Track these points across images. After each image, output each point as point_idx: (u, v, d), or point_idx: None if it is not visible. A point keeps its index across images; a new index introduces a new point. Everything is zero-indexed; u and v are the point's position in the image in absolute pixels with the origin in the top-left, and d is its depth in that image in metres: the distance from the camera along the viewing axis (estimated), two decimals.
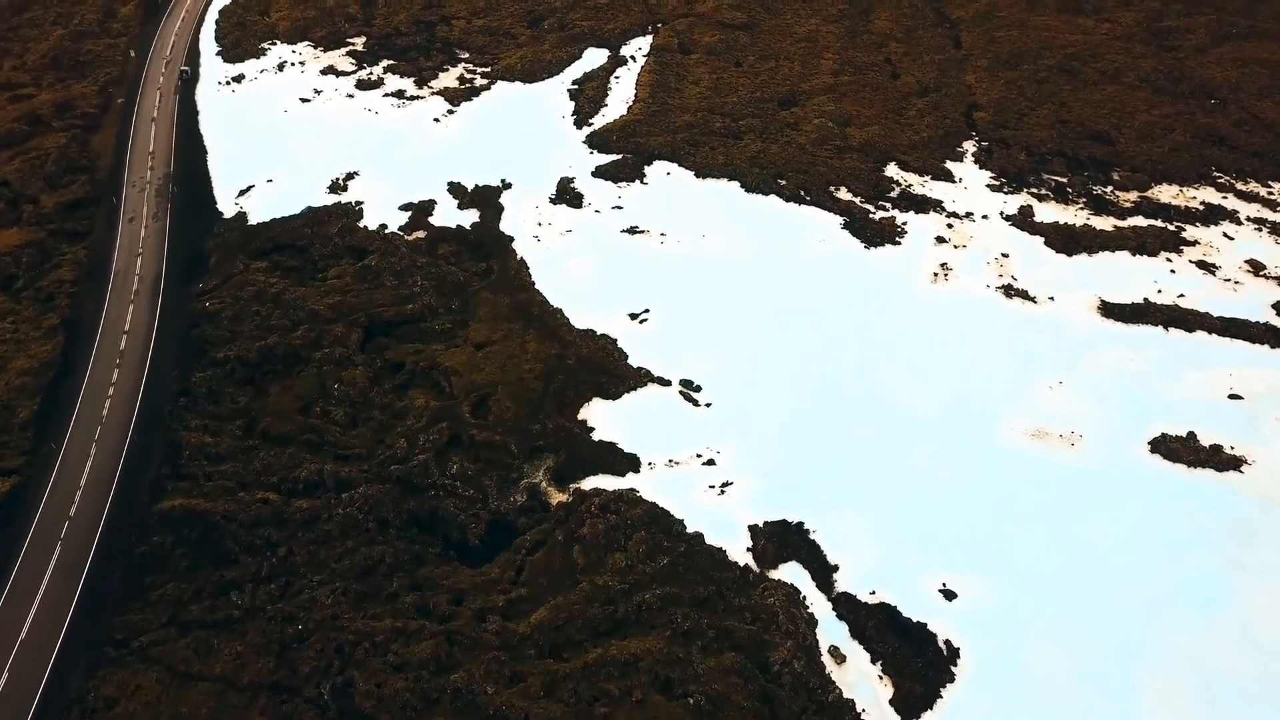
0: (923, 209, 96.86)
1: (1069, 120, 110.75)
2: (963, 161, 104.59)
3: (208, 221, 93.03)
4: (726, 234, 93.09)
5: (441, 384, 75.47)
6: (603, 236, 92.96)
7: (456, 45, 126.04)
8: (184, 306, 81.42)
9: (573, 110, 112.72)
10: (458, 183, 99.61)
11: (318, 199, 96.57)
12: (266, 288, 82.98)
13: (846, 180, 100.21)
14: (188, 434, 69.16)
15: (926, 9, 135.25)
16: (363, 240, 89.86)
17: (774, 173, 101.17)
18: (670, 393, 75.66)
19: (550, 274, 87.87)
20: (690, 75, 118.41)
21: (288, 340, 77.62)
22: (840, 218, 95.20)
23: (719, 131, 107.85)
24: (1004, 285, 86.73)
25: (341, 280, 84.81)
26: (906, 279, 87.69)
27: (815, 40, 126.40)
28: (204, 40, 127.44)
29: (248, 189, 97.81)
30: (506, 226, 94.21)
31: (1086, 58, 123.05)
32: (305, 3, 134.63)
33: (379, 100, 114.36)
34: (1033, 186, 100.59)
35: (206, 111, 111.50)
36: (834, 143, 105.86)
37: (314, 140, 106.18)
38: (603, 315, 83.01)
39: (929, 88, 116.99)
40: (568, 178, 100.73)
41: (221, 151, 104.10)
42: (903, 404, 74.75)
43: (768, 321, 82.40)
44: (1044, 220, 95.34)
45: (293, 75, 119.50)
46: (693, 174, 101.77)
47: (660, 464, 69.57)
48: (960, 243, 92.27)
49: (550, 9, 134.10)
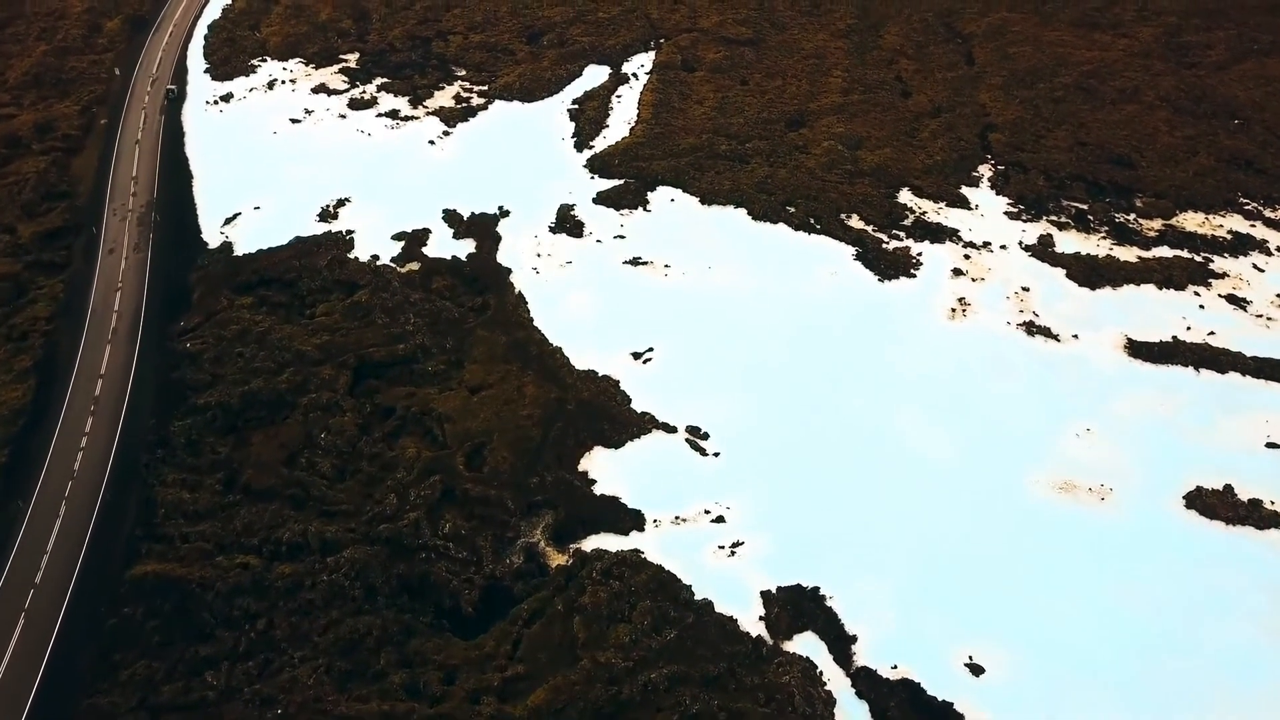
0: (938, 238, 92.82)
1: (1088, 142, 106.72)
2: (979, 187, 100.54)
3: (191, 252, 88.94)
4: (733, 265, 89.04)
5: (434, 431, 71.43)
6: (604, 268, 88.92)
7: (453, 62, 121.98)
8: (164, 347, 77.33)
9: (573, 131, 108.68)
10: (453, 210, 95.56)
11: (307, 228, 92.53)
12: (251, 326, 78.91)
13: (858, 207, 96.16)
14: (164, 490, 65.07)
15: (937, 24, 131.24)
16: (353, 274, 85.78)
17: (782, 199, 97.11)
18: (676, 441, 71.61)
19: (550, 309, 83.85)
20: (694, 94, 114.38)
21: (273, 384, 73.54)
22: (852, 248, 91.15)
23: (724, 155, 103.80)
24: (1025, 322, 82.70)
25: (330, 318, 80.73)
26: (923, 314, 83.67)
27: (823, 57, 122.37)
28: (192, 56, 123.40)
29: (234, 217, 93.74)
30: (504, 257, 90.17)
31: (1104, 75, 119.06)
32: (297, 17, 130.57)
33: (372, 121, 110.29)
34: (1052, 214, 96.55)
35: (193, 133, 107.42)
36: (844, 167, 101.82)
37: (304, 164, 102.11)
38: (604, 354, 79.02)
39: (942, 107, 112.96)
40: (568, 205, 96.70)
41: (207, 176, 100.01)
42: (922, 452, 70.73)
43: (778, 361, 78.39)
44: (1065, 251, 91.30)
45: (283, 94, 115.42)
46: (698, 200, 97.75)
47: (666, 521, 65.52)
48: (978, 275, 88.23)
49: (549, 24, 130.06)
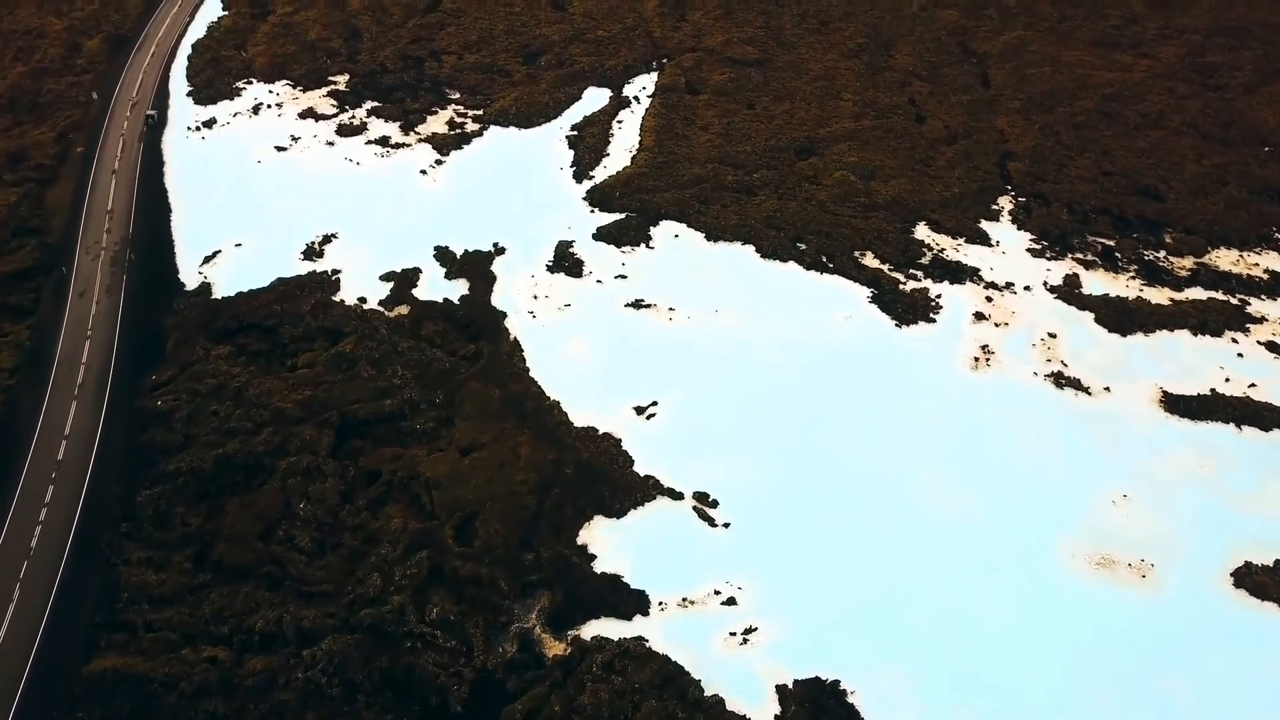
0: (958, 278, 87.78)
1: (1112, 172, 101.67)
2: (999, 221, 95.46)
3: (167, 295, 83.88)
4: (742, 308, 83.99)
5: (422, 498, 66.42)
6: (605, 311, 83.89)
7: (446, 84, 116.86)
8: (134, 404, 72.22)
9: (571, 160, 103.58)
10: (445, 247, 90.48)
11: (290, 267, 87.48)
12: (228, 380, 73.85)
13: (873, 244, 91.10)
14: (129, 570, 60.10)
15: (951, 43, 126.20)
16: (338, 319, 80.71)
17: (793, 235, 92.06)
18: (683, 509, 66.59)
19: (547, 357, 78.85)
20: (699, 119, 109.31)
21: (249, 446, 68.54)
22: (867, 289, 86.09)
23: (731, 186, 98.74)
24: (1054, 373, 77.65)
25: (313, 370, 75.67)
26: (944, 364, 78.62)
27: (833, 79, 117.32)
28: (174, 78, 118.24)
29: (213, 255, 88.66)
30: (499, 299, 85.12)
31: (1126, 98, 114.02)
32: (285, 36, 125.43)
33: (361, 149, 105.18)
34: (1078, 251, 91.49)
35: (173, 162, 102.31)
36: (857, 199, 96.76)
37: (289, 196, 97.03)
38: (605, 408, 74.05)
39: (958, 134, 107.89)
40: (566, 241, 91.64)
41: (187, 210, 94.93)
42: (948, 519, 65.74)
43: (790, 416, 73.39)
44: (1092, 292, 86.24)
45: (269, 119, 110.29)
46: (703, 236, 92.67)
47: (673, 604, 60.49)
48: (1002, 320, 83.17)
49: (547, 43, 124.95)
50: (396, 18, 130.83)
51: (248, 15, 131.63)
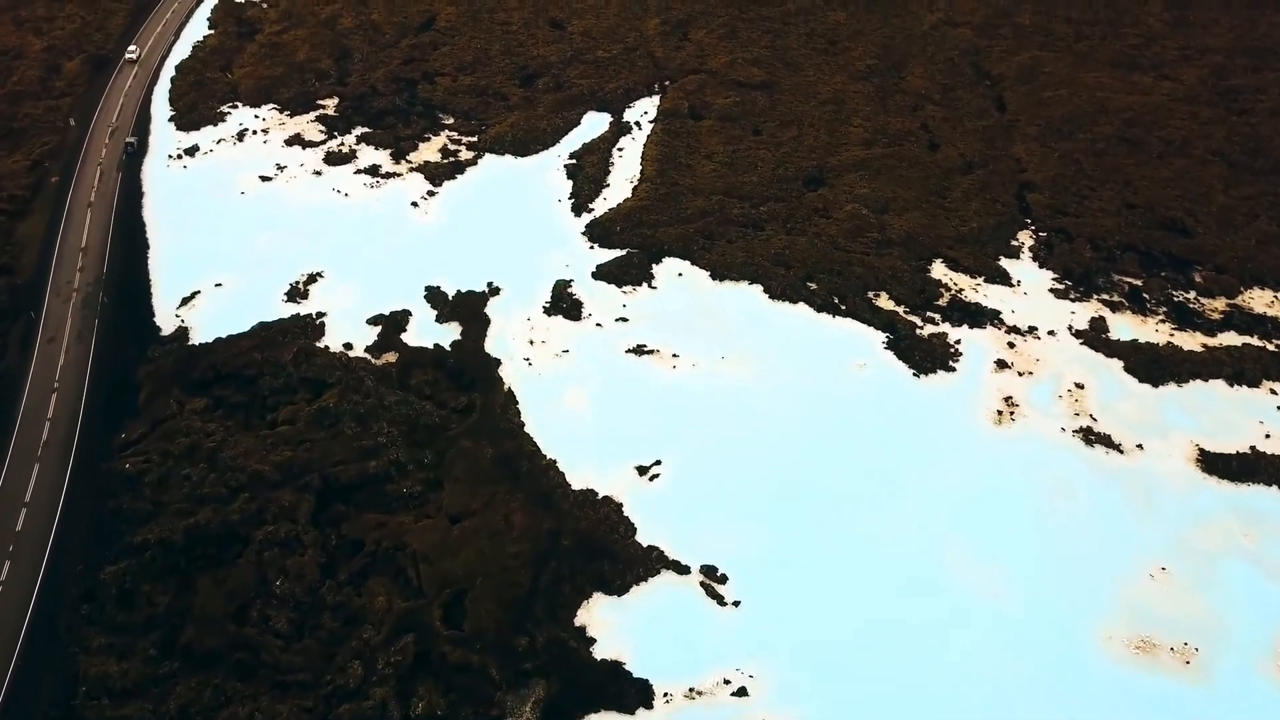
0: (978, 321, 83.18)
1: (1137, 204, 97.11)
2: (1019, 258, 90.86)
3: (141, 341, 79.07)
4: (750, 355, 79.37)
5: (408, 572, 61.72)
6: (605, 358, 79.24)
7: (440, 108, 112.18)
8: (101, 466, 67.44)
9: (570, 191, 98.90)
10: (437, 287, 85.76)
11: (272, 309, 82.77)
12: (202, 440, 69.08)
13: (887, 284, 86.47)
14: (88, 659, 55.33)
15: (964, 64, 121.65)
16: (321, 369, 75.95)
17: (802, 274, 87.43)
18: (689, 585, 61.91)
19: (543, 410, 74.17)
20: (703, 147, 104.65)
21: (223, 514, 63.80)
22: (882, 334, 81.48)
23: (737, 220, 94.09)
24: (1083, 428, 73.05)
25: (294, 427, 70.92)
26: (965, 418, 74.01)
27: (842, 102, 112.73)
28: (156, 102, 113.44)
29: (192, 296, 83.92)
30: (493, 345, 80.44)
31: (1148, 124, 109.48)
32: (272, 57, 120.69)
33: (350, 179, 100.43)
34: (1103, 291, 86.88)
35: (152, 194, 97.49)
36: (870, 234, 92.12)
37: (273, 231, 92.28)
38: (605, 468, 69.41)
39: (974, 162, 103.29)
40: (564, 280, 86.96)
41: (166, 246, 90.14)
42: (975, 598, 61.17)
43: (804, 478, 68.78)
44: (1121, 337, 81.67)
45: (254, 146, 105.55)
46: (708, 275, 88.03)
47: (679, 695, 55.80)
48: (1025, 368, 78.54)
49: (545, 64, 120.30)
50: (389, 37, 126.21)
51: (234, 34, 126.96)
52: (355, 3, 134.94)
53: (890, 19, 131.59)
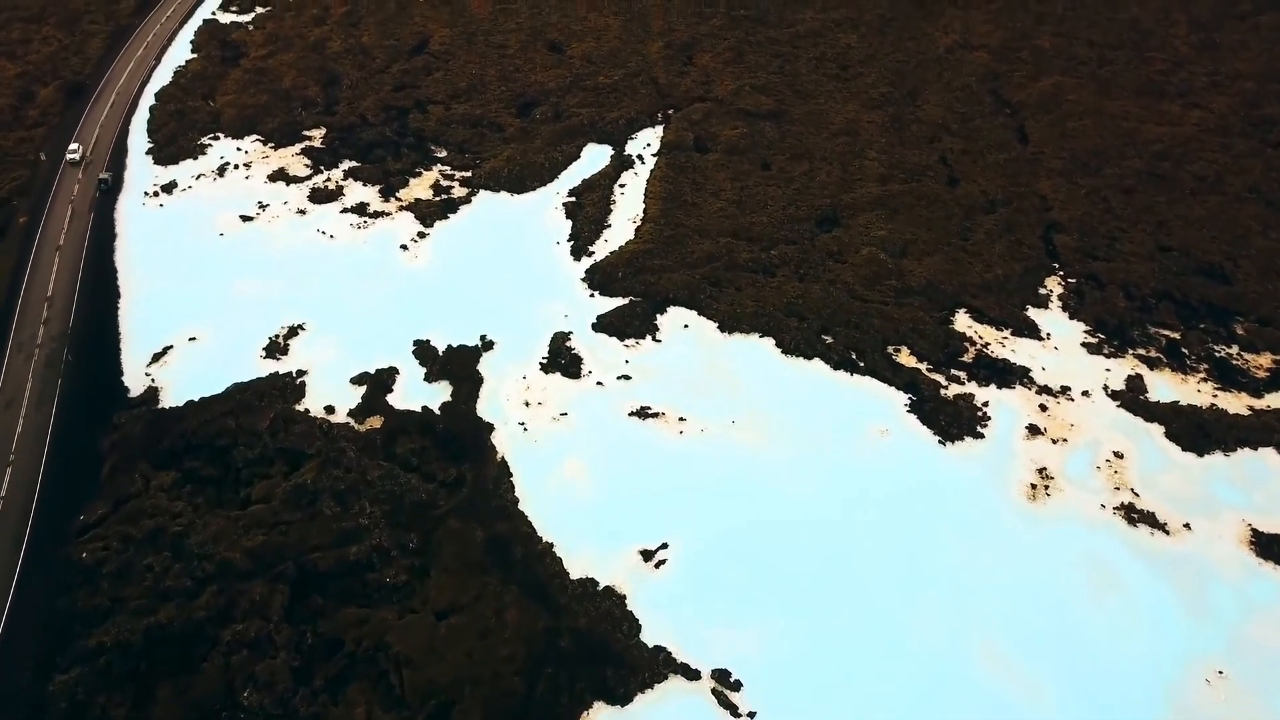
0: (1006, 380, 77.54)
1: (1171, 247, 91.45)
2: (1048, 308, 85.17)
3: (108, 405, 73.46)
4: (762, 418, 73.75)
5: (390, 677, 56.09)
6: (606, 422, 73.61)
7: (432, 140, 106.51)
8: (57, 554, 61.78)
9: (569, 233, 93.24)
10: (426, 341, 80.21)
11: (250, 367, 77.22)
12: (168, 522, 63.48)
13: (908, 338, 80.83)
14: None
15: (983, 91, 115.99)
16: (300, 438, 70.32)
17: (817, 326, 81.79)
18: (700, 692, 56.27)
19: (539, 483, 68.56)
20: (709, 183, 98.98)
21: (188, 611, 58.25)
22: (904, 395, 75.85)
23: (746, 265, 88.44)
24: (1124, 504, 67.39)
25: (268, 506, 65.28)
26: (997, 493, 68.34)
27: (856, 133, 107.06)
28: (134, 132, 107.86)
29: (164, 352, 78.36)
30: (485, 407, 74.85)
31: (1178, 157, 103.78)
32: (257, 84, 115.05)
33: (336, 218, 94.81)
34: (1139, 345, 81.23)
35: (126, 235, 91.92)
36: (888, 281, 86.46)
37: (253, 277, 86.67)
38: (606, 552, 63.84)
39: (996, 200, 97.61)
40: (563, 333, 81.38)
41: (138, 295, 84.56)
42: (1009, 701, 55.51)
43: (824, 566, 63.16)
44: (1160, 398, 76.05)
45: (235, 182, 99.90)
46: (716, 327, 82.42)
47: None
48: (1059, 434, 72.90)
49: (543, 91, 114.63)
50: (379, 61, 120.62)
51: (218, 59, 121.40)
52: (345, 24, 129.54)
53: (903, 42, 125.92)
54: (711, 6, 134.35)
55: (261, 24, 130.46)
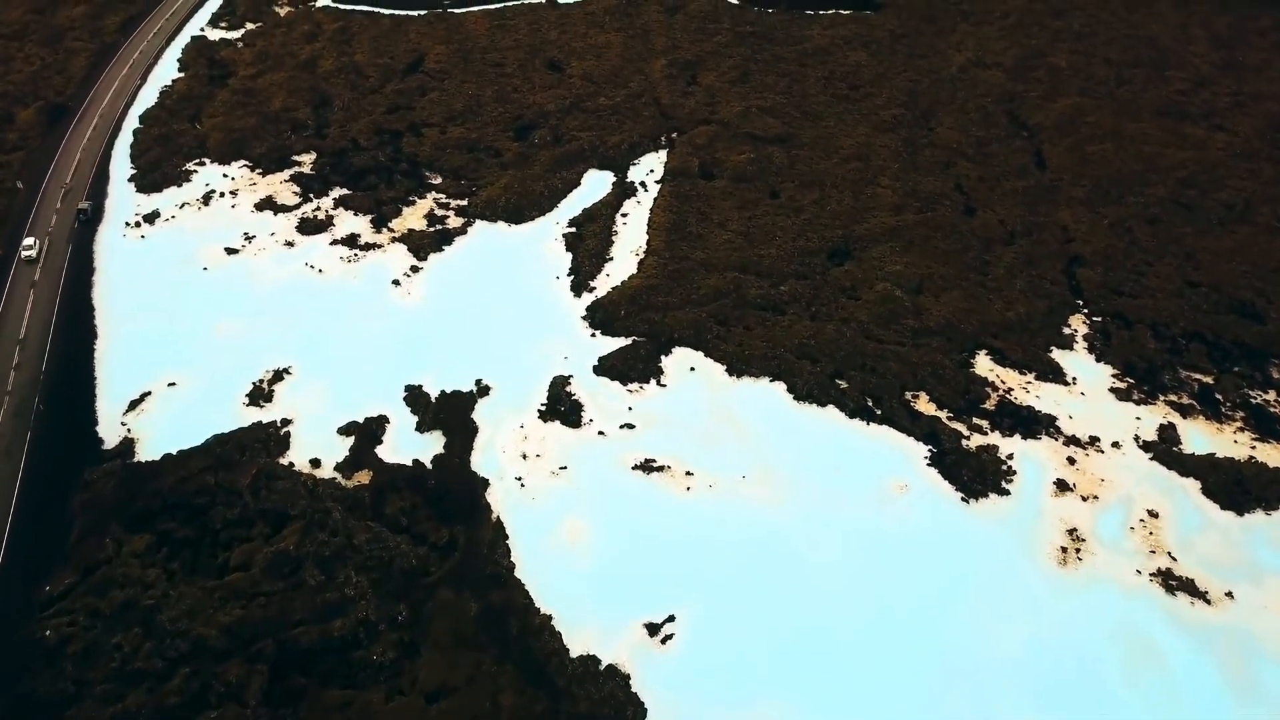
0: (1031, 429, 73.40)
1: (1200, 282, 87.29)
2: (1073, 349, 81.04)
3: (81, 457, 69.33)
4: (774, 472, 69.61)
5: None
6: (609, 476, 69.47)
7: (427, 166, 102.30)
8: (18, 632, 57.60)
9: (569, 267, 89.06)
10: (418, 386, 76.11)
11: (232, 415, 73.11)
12: (139, 594, 59.31)
13: (926, 382, 76.68)
14: None
15: (998, 113, 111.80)
16: (283, 497, 66.15)
17: (831, 369, 77.64)
18: None
19: (537, 547, 64.43)
20: (715, 213, 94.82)
21: (158, 697, 54.13)
22: (924, 446, 71.73)
23: (755, 302, 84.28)
24: (1161, 570, 63.24)
25: (248, 575, 61.11)
26: (1025, 557, 64.19)
27: (868, 158, 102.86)
28: (116, 158, 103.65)
29: (141, 399, 74.22)
30: (480, 459, 70.74)
31: (1204, 184, 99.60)
32: (245, 106, 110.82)
33: (325, 251, 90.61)
34: (1170, 390, 77.09)
35: (105, 269, 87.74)
36: (905, 320, 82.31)
37: (237, 316, 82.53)
38: (609, 625, 59.77)
39: (1015, 231, 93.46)
40: (563, 376, 77.23)
41: (116, 335, 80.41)
42: None
43: (840, 636, 59.11)
44: (1195, 450, 71.92)
45: (220, 211, 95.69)
46: (724, 369, 78.30)
47: None
48: (1089, 490, 68.74)
49: (541, 113, 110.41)
50: (373, 81, 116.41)
51: (205, 79, 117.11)
52: (338, 41, 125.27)
53: (915, 60, 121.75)
54: (716, 22, 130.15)
55: (251, 41, 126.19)
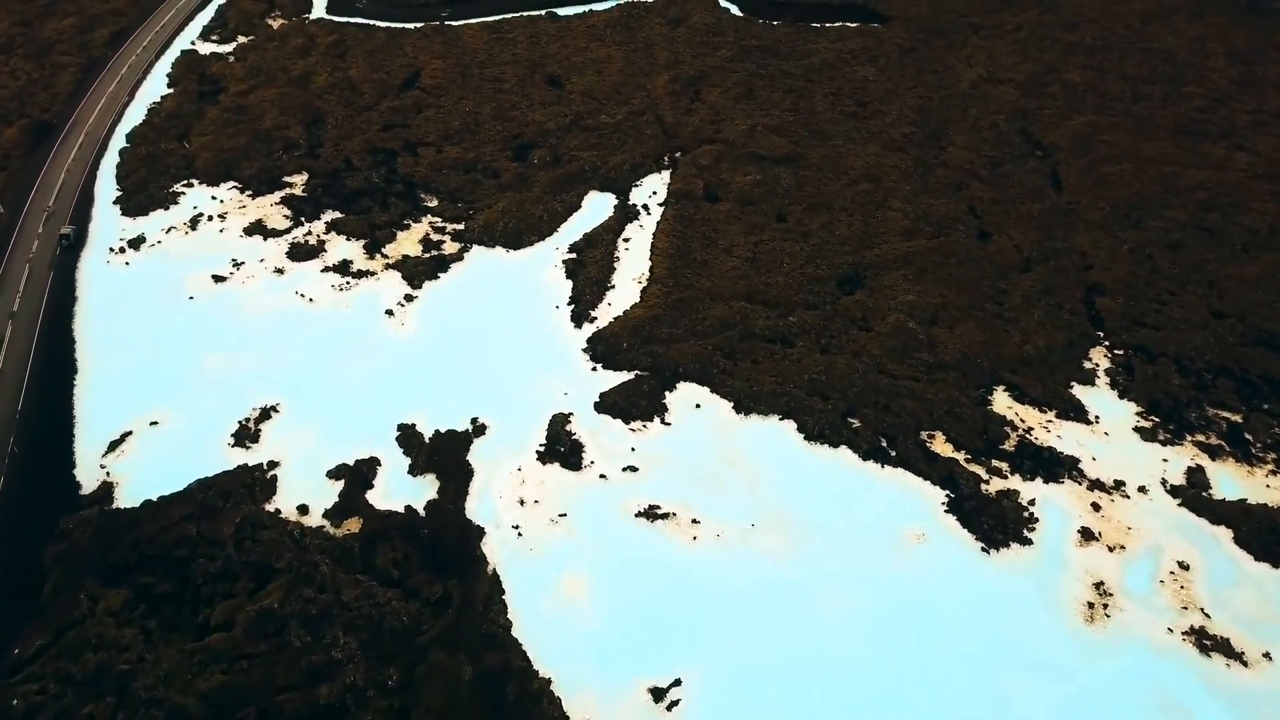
0: (1054, 473, 70.10)
1: (1225, 312, 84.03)
2: (1095, 384, 77.73)
3: (57, 503, 66.08)
4: (784, 520, 66.33)
5: None
6: (611, 525, 66.20)
7: (422, 187, 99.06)
8: None
9: (570, 295, 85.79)
10: (412, 425, 72.90)
11: (216, 457, 69.92)
12: (114, 659, 56.04)
13: (943, 421, 73.40)
14: None
15: (1011, 131, 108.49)
16: (268, 549, 62.88)
17: (843, 407, 74.37)
18: None
19: (536, 604, 61.17)
20: (721, 238, 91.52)
21: None
22: (941, 491, 68.46)
23: (762, 334, 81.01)
24: (1194, 628, 59.94)
25: (229, 635, 57.80)
26: (1049, 613, 60.88)
27: (878, 179, 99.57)
28: (102, 178, 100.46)
29: (122, 439, 71.03)
30: (476, 505, 67.50)
31: (1226, 207, 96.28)
32: (235, 124, 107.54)
33: (316, 279, 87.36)
34: (1197, 429, 73.80)
35: (87, 299, 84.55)
36: (919, 354, 79.03)
37: (223, 350, 79.32)
38: (612, 690, 56.60)
39: (1032, 257, 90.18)
40: (563, 414, 73.98)
41: (97, 371, 77.24)
42: None
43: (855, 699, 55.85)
44: (1225, 495, 68.62)
45: (209, 235, 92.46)
46: (731, 407, 75.04)
47: None
48: (1116, 540, 65.43)
49: (541, 132, 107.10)
50: (367, 97, 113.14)
51: (194, 95, 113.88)
52: (332, 55, 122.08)
53: (924, 75, 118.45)
54: (719, 35, 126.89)
55: (243, 55, 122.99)
